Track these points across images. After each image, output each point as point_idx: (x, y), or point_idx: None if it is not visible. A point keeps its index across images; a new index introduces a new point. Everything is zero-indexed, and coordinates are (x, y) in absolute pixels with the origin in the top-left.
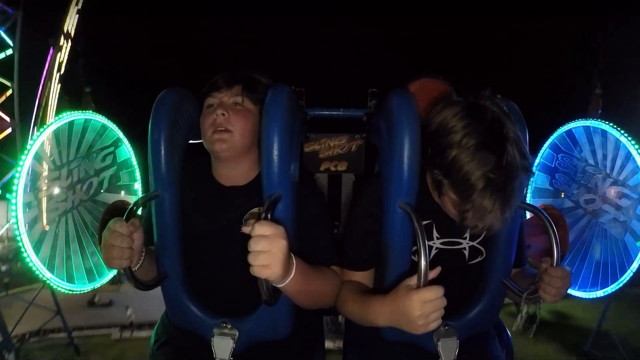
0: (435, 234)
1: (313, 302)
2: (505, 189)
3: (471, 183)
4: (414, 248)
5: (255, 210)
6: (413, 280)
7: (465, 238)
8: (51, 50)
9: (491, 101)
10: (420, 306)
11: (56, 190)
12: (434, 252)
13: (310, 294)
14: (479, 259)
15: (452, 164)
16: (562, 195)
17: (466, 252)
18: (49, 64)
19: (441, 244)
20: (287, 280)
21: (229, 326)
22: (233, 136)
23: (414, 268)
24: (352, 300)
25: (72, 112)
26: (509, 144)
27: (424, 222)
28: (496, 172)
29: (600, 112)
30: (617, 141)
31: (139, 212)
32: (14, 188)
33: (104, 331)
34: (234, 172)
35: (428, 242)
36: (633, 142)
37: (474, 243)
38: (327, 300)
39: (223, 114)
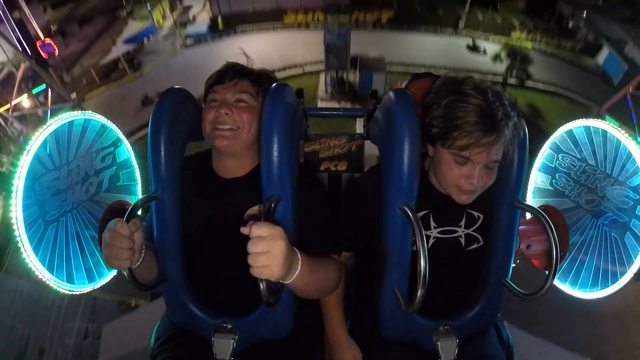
0: (432, 224)
1: (318, 293)
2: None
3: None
4: (414, 248)
5: (255, 209)
6: None
7: (460, 226)
8: None
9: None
10: None
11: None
12: (431, 241)
13: (316, 285)
14: (475, 246)
15: (446, 113)
16: (563, 196)
17: (462, 240)
18: None
19: (438, 233)
20: (294, 276)
21: (229, 326)
22: (240, 133)
23: (413, 266)
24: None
25: (72, 112)
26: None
27: (422, 213)
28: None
29: None
30: (618, 141)
31: (139, 213)
32: (14, 188)
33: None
34: (236, 165)
35: (425, 232)
36: (633, 142)
37: (470, 231)
38: (332, 288)
39: (227, 114)
